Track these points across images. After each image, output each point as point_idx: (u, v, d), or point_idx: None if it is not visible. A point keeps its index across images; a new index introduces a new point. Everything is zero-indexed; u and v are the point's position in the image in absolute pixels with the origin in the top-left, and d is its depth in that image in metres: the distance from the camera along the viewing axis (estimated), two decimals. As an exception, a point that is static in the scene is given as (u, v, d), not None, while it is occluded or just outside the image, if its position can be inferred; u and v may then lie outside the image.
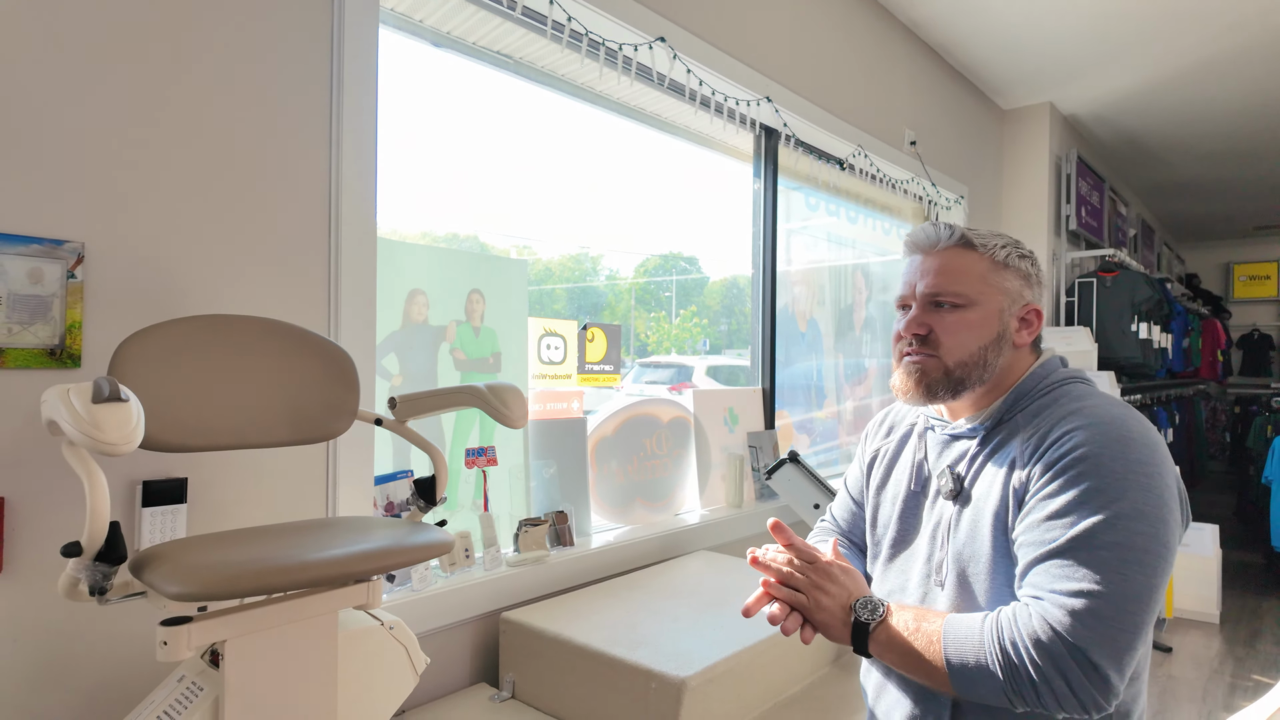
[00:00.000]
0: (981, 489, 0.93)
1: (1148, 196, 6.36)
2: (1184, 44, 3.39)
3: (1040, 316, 0.99)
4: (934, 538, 0.97)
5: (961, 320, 0.96)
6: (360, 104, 1.39)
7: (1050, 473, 0.85)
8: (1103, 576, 0.78)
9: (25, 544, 1.02)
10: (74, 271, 1.06)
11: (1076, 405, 0.90)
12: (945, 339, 0.96)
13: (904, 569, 1.02)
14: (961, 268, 0.97)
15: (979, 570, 0.90)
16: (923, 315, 0.98)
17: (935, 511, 0.99)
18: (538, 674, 1.45)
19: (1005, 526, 0.88)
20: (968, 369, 0.95)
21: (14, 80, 1.02)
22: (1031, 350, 1.01)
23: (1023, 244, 1.01)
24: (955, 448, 1.00)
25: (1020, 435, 0.92)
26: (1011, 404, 0.96)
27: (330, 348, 1.16)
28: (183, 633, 0.83)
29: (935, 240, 0.99)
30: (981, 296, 0.96)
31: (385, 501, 1.49)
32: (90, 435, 0.67)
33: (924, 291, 0.98)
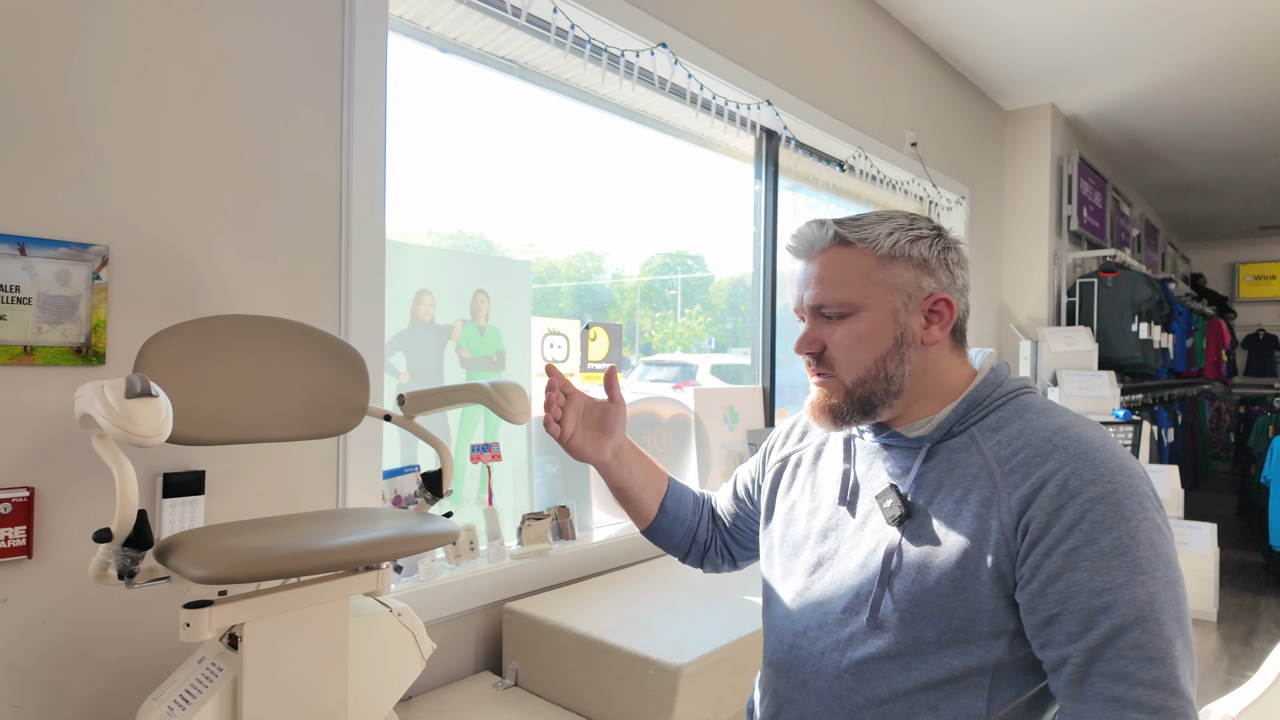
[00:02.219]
0: (941, 517, 0.79)
1: (1152, 196, 6.37)
2: (1185, 45, 3.42)
3: (952, 306, 0.84)
4: (865, 567, 0.82)
5: (851, 331, 0.83)
6: (370, 110, 1.44)
7: (1065, 520, 0.72)
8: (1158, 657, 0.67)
9: (53, 532, 1.08)
10: (99, 273, 1.12)
11: (1049, 424, 0.78)
12: (838, 355, 0.84)
13: (822, 601, 0.85)
14: (842, 270, 0.84)
15: (934, 611, 0.76)
16: (814, 330, 0.87)
17: (870, 534, 0.83)
18: (540, 662, 1.50)
19: (978, 565, 0.75)
20: (868, 385, 0.83)
21: (43, 92, 1.07)
22: (956, 347, 0.87)
23: (921, 221, 0.86)
24: (892, 458, 0.86)
25: (985, 453, 0.79)
26: (964, 413, 0.82)
27: (342, 346, 1.21)
28: (204, 615, 0.89)
29: (812, 242, 0.86)
30: (868, 300, 0.83)
31: (393, 495, 1.54)
32: (124, 428, 0.72)
33: (809, 303, 0.86)
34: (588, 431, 1.00)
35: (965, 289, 0.88)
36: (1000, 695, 0.76)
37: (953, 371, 0.86)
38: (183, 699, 0.95)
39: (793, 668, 0.86)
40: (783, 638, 0.89)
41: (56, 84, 1.08)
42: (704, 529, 1.09)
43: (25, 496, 1.04)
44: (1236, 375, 7.70)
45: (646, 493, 1.05)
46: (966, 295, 0.88)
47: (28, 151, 1.06)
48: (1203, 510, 5.80)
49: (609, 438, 1.00)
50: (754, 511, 1.07)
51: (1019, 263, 4.31)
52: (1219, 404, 7.60)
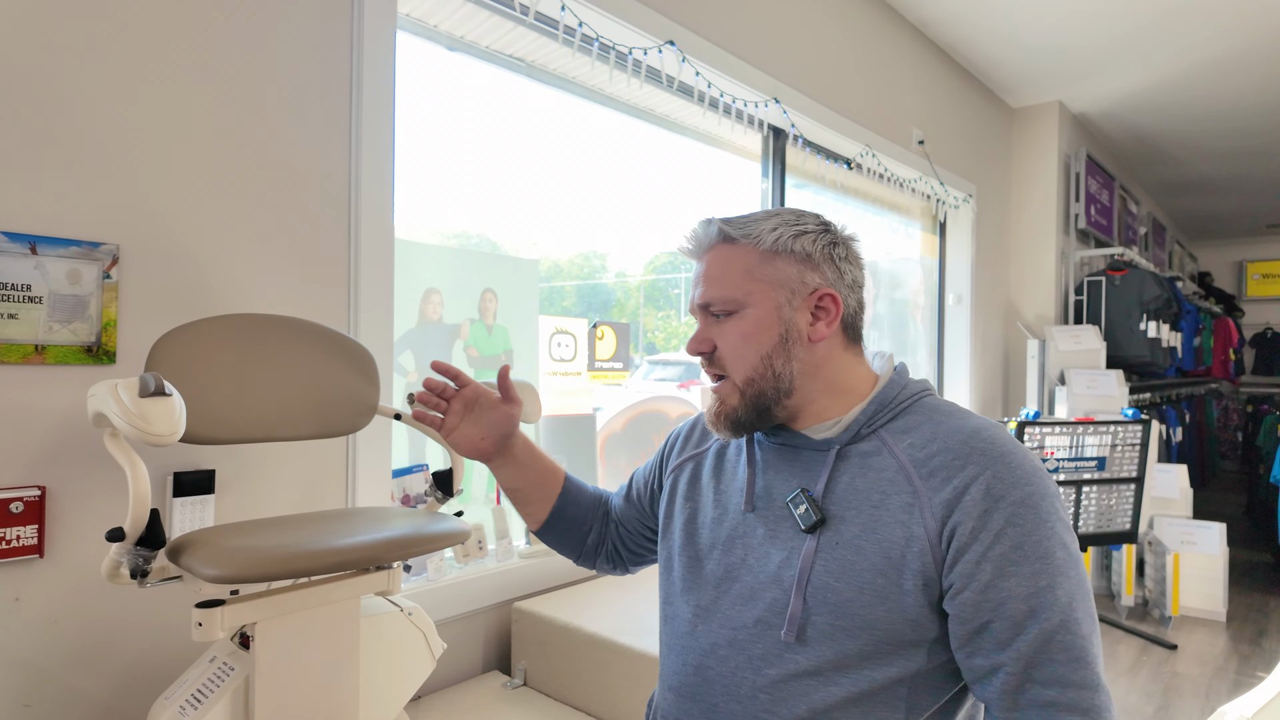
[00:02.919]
0: (858, 524, 0.76)
1: (1159, 194, 6.34)
2: (1193, 41, 3.40)
3: (838, 301, 0.82)
4: (779, 578, 0.78)
5: (736, 329, 0.82)
6: (378, 108, 1.43)
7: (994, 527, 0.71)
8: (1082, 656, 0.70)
9: (64, 531, 1.08)
10: (109, 272, 1.11)
11: (961, 426, 0.77)
12: (727, 355, 0.83)
13: (731, 615, 0.81)
14: (726, 267, 0.83)
15: (854, 622, 0.74)
16: (704, 330, 0.85)
17: (782, 543, 0.79)
18: (549, 662, 1.50)
19: (899, 571, 0.73)
20: (757, 384, 0.81)
21: (54, 92, 1.07)
22: (850, 345, 0.85)
23: (809, 218, 0.85)
24: (800, 462, 0.83)
25: (897, 456, 0.77)
26: (872, 416, 0.81)
27: (352, 345, 1.21)
28: (216, 615, 0.89)
29: (701, 241, 0.85)
30: (751, 296, 0.81)
31: (402, 494, 1.54)
32: (138, 427, 0.72)
33: (698, 302, 0.85)
34: (470, 428, 0.92)
35: (856, 285, 0.86)
36: (917, 704, 0.75)
37: (849, 371, 0.85)
38: (194, 698, 0.95)
39: (699, 691, 0.80)
40: (687, 658, 0.83)
41: (67, 84, 1.08)
42: (595, 532, 1.03)
43: (37, 495, 1.04)
44: (1244, 374, 7.67)
45: (537, 494, 0.99)
46: (859, 293, 0.87)
47: (38, 151, 1.06)
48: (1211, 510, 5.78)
49: (490, 436, 0.93)
50: (647, 517, 1.02)
51: (1026, 261, 4.29)
52: (1226, 403, 7.57)
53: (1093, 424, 3.19)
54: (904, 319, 3.63)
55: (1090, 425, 3.18)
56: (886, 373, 0.85)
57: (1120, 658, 2.95)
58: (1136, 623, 3.35)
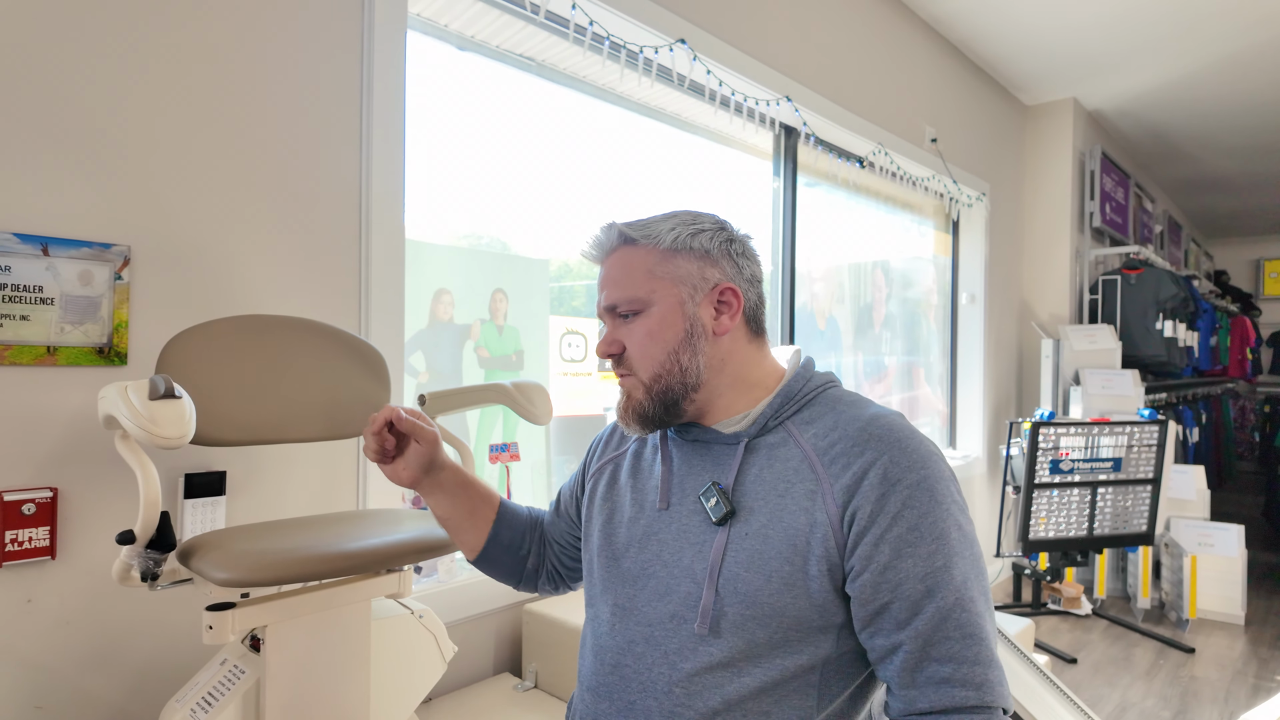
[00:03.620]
0: (766, 513, 0.78)
1: (1174, 192, 6.27)
2: (1210, 37, 3.35)
3: (738, 295, 0.85)
4: (692, 573, 0.79)
5: (642, 328, 0.83)
6: (389, 110, 1.43)
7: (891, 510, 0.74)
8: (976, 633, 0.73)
9: (76, 533, 1.08)
10: (121, 273, 1.11)
11: (860, 414, 0.80)
12: (633, 353, 0.84)
13: (646, 612, 0.81)
14: (628, 268, 0.85)
15: (764, 611, 0.75)
16: (612, 332, 0.87)
17: (694, 537, 0.81)
18: (560, 664, 1.49)
19: (804, 559, 0.75)
20: (664, 380, 0.83)
21: (65, 93, 1.07)
22: (754, 338, 0.87)
23: (705, 218, 0.88)
24: (710, 456, 0.85)
25: (803, 446, 0.80)
26: (779, 409, 0.83)
27: (363, 346, 1.20)
28: (227, 618, 0.88)
29: (602, 245, 0.87)
30: (654, 295, 0.83)
31: (413, 495, 1.54)
32: (148, 430, 0.71)
33: (604, 305, 0.86)
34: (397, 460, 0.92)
35: (755, 281, 0.89)
36: (829, 691, 0.77)
37: (756, 364, 0.87)
38: (205, 701, 0.94)
39: (616, 689, 0.81)
40: (604, 657, 0.83)
41: (78, 84, 1.08)
42: (534, 555, 1.03)
43: (49, 497, 1.04)
44: (1261, 374, 7.58)
45: (469, 522, 0.98)
46: (758, 288, 0.89)
47: (50, 152, 1.06)
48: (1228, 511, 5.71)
49: (410, 467, 0.91)
50: (577, 528, 1.01)
51: (1040, 260, 4.25)
52: (1243, 403, 7.48)
53: (1108, 424, 3.15)
54: (917, 318, 3.60)
55: (1106, 426, 3.15)
56: (793, 367, 0.88)
57: (1137, 661, 2.91)
58: (1153, 625, 3.31)
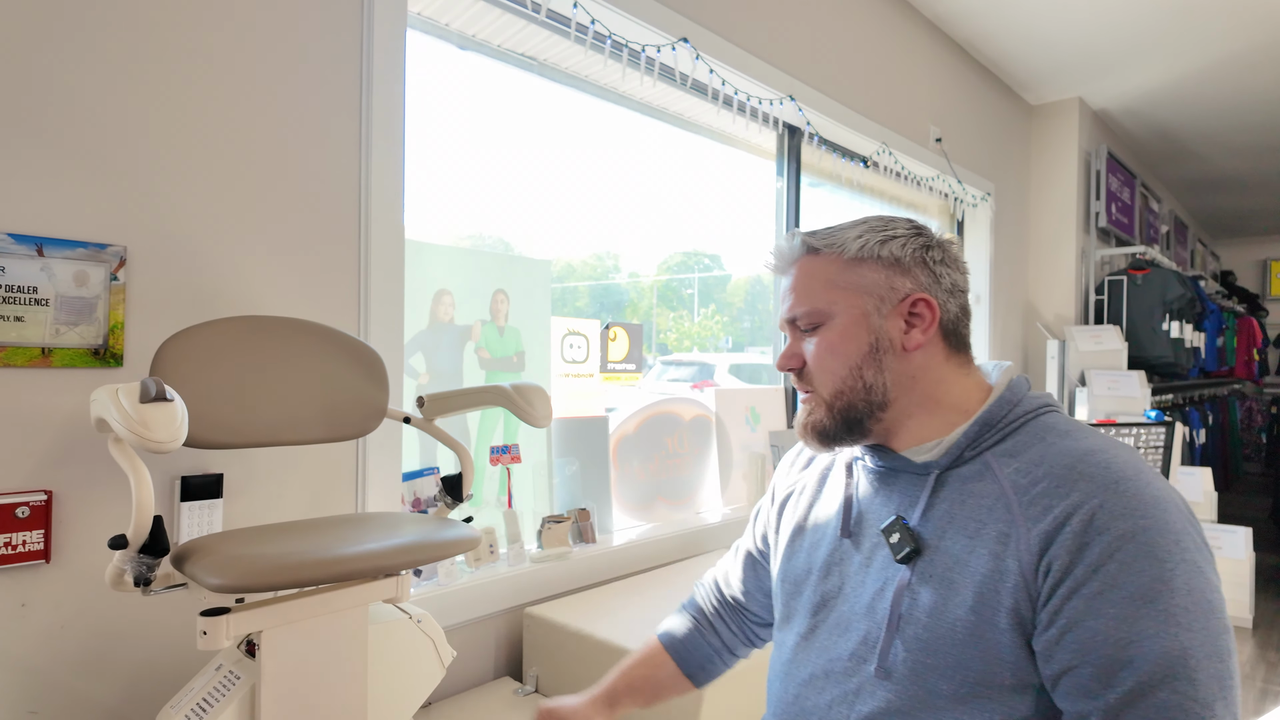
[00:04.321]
0: (954, 555, 0.71)
1: (1181, 192, 6.23)
2: (1217, 35, 3.33)
3: (933, 306, 0.77)
4: (872, 611, 0.75)
5: (823, 341, 0.79)
6: (389, 110, 1.42)
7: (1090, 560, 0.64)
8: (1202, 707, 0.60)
9: (71, 536, 1.07)
10: (117, 274, 1.10)
11: (1073, 448, 0.70)
12: (814, 369, 0.80)
13: (827, 645, 0.78)
14: (809, 280, 0.80)
15: (948, 661, 0.69)
16: (793, 345, 0.83)
17: (876, 571, 0.76)
18: (561, 668, 1.47)
19: (994, 608, 0.68)
20: (846, 397, 0.78)
21: (60, 92, 1.06)
22: (953, 354, 0.80)
23: (899, 223, 0.81)
24: (898, 486, 0.79)
25: (1000, 482, 0.72)
26: (976, 437, 0.75)
27: (361, 348, 1.19)
28: (221, 623, 0.87)
29: (784, 255, 0.83)
30: (835, 306, 0.78)
31: (413, 498, 1.52)
32: (138, 433, 0.70)
33: (784, 316, 0.83)
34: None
35: (957, 290, 0.80)
36: None
37: (953, 383, 0.79)
38: (200, 707, 0.93)
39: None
40: (787, 686, 0.81)
41: (74, 83, 1.07)
42: (727, 635, 1.02)
43: (43, 500, 1.03)
44: (1268, 375, 7.53)
45: (669, 694, 1.00)
46: (961, 298, 0.81)
47: (44, 152, 1.05)
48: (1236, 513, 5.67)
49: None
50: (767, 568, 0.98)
51: (1046, 260, 4.22)
52: (1250, 404, 7.43)
53: (1114, 426, 3.12)
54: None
55: (1112, 427, 3.12)
56: (1000, 388, 0.78)
57: (1143, 665, 2.88)
58: (1160, 629, 3.27)
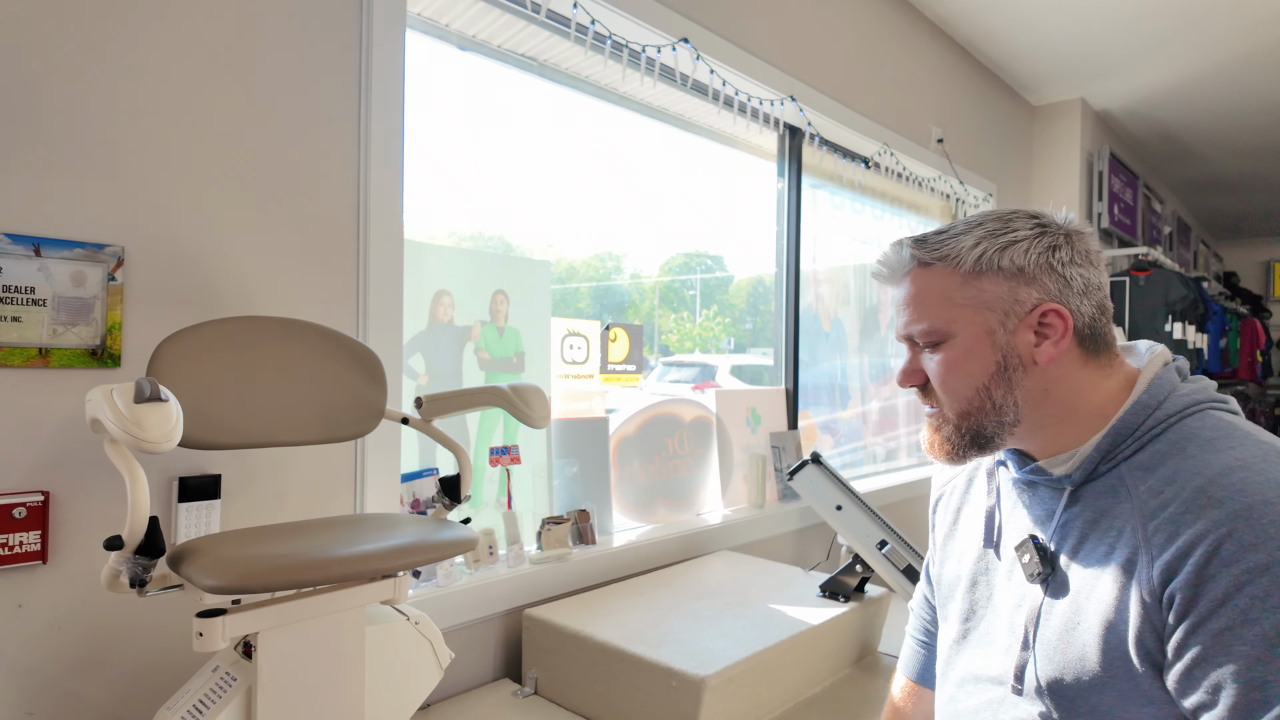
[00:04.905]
0: (1083, 579, 0.68)
1: (1184, 193, 6.22)
2: (1221, 35, 3.32)
3: (1064, 316, 0.72)
4: (1012, 626, 0.74)
5: (944, 361, 0.75)
6: (388, 110, 1.41)
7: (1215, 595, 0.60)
8: None
9: (68, 537, 1.06)
10: (114, 274, 1.10)
11: (1211, 464, 0.64)
12: (938, 388, 0.76)
13: (977, 653, 0.78)
14: (923, 295, 0.76)
15: (1081, 688, 0.67)
16: (912, 361, 0.80)
17: (1015, 588, 0.75)
18: (560, 670, 1.47)
19: (1122, 638, 0.65)
20: (974, 418, 0.74)
21: (58, 92, 1.06)
22: (1091, 358, 0.74)
23: (1019, 222, 0.77)
24: (1037, 497, 0.76)
25: (1133, 500, 0.67)
26: (1109, 450, 0.70)
27: (359, 348, 1.19)
28: (218, 624, 0.86)
29: (893, 266, 0.79)
30: (954, 324, 0.74)
31: (411, 498, 1.52)
32: (132, 434, 0.70)
33: (901, 334, 0.79)
34: None
35: (1091, 289, 0.74)
36: None
37: (1092, 390, 0.73)
38: (197, 709, 0.93)
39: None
40: (944, 685, 0.82)
41: (72, 84, 1.07)
42: None
43: (40, 501, 1.03)
44: (1271, 376, 7.50)
45: None
46: (1096, 296, 0.75)
47: (43, 152, 1.05)
48: (1238, 515, 5.63)
49: None
50: None
51: (1047, 261, 4.21)
52: (1253, 406, 7.40)
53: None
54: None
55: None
56: (1140, 387, 0.72)
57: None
58: (1163, 631, 3.26)
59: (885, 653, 1.73)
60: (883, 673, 1.63)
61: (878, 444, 3.23)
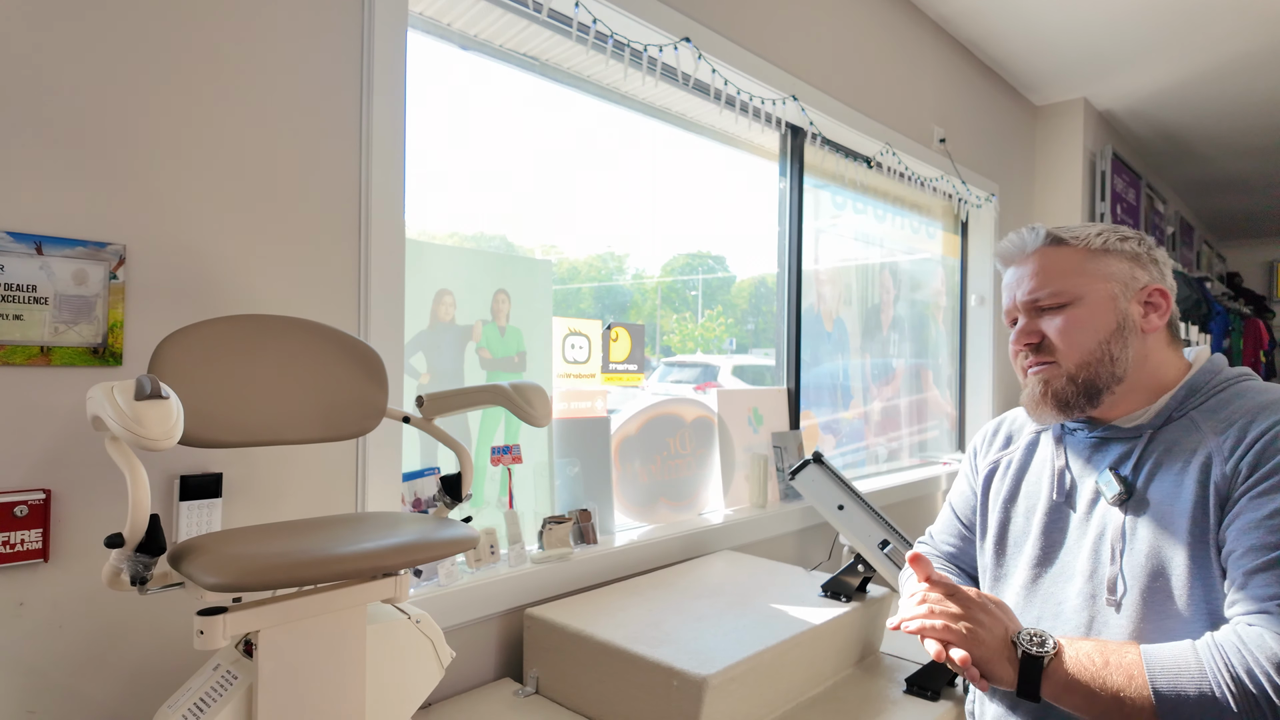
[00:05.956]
0: (1163, 491, 0.83)
1: (1187, 193, 6.21)
2: (1224, 35, 3.31)
3: (1167, 296, 0.91)
4: (1096, 552, 0.87)
5: (1071, 319, 0.89)
6: (389, 109, 1.41)
7: (1265, 469, 0.77)
8: None
9: (70, 535, 1.06)
10: (116, 273, 1.10)
11: (1271, 397, 0.83)
12: (1059, 343, 0.90)
13: (1053, 591, 0.91)
14: (1054, 265, 0.91)
15: (1174, 583, 0.80)
16: (1030, 323, 0.93)
17: (1095, 521, 0.88)
18: (561, 670, 1.47)
19: (1205, 530, 0.79)
20: (1093, 369, 0.88)
21: (60, 90, 1.06)
22: (1172, 341, 0.93)
23: (1126, 229, 0.94)
24: (1111, 450, 0.91)
25: (1204, 430, 0.84)
26: (1183, 399, 0.87)
27: (361, 347, 1.19)
28: (218, 622, 0.86)
29: (1022, 246, 0.95)
30: (1084, 289, 0.90)
31: (413, 497, 1.52)
32: (133, 431, 0.70)
33: (1023, 299, 0.94)
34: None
35: (1172, 289, 0.93)
36: None
37: (1171, 366, 0.91)
38: (197, 707, 0.93)
39: None
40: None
41: (74, 82, 1.07)
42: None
43: (41, 499, 1.03)
44: (1275, 377, 7.48)
45: None
46: (1174, 295, 0.94)
47: (43, 150, 1.05)
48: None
49: None
50: (974, 533, 1.08)
51: (1050, 261, 4.20)
52: (1256, 406, 7.38)
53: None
54: (925, 320, 3.57)
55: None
56: (1200, 360, 0.91)
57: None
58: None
59: (887, 653, 1.73)
60: (884, 673, 1.62)
61: (880, 444, 3.23)
